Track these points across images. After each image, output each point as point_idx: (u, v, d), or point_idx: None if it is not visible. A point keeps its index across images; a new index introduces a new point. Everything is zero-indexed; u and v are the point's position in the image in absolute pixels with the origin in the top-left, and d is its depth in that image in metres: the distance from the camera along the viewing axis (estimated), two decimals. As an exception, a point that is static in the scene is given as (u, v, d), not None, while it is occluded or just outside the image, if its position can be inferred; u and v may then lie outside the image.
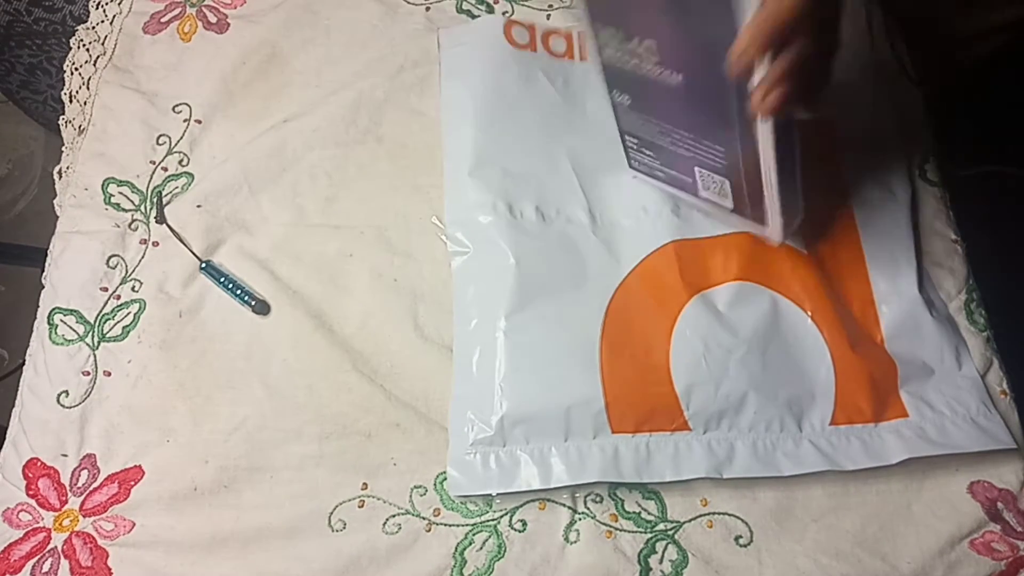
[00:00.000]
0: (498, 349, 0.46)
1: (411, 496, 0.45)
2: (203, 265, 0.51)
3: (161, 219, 0.53)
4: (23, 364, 0.50)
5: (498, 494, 0.44)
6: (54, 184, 0.58)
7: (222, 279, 0.50)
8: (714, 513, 0.44)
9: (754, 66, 0.35)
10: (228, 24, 0.60)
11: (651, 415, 0.45)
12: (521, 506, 0.44)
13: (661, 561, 0.43)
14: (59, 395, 0.48)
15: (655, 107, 0.44)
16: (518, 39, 0.55)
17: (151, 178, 0.55)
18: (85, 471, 0.46)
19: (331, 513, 0.45)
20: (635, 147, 0.48)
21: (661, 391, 0.45)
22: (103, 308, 0.51)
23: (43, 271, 0.53)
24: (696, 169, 0.45)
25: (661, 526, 0.44)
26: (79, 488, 0.46)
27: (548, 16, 0.59)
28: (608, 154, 0.52)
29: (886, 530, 0.44)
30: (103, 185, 0.55)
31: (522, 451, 0.44)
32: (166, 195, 0.54)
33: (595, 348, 0.46)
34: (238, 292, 0.50)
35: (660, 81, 0.42)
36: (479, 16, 0.59)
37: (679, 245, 0.49)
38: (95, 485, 0.46)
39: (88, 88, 0.59)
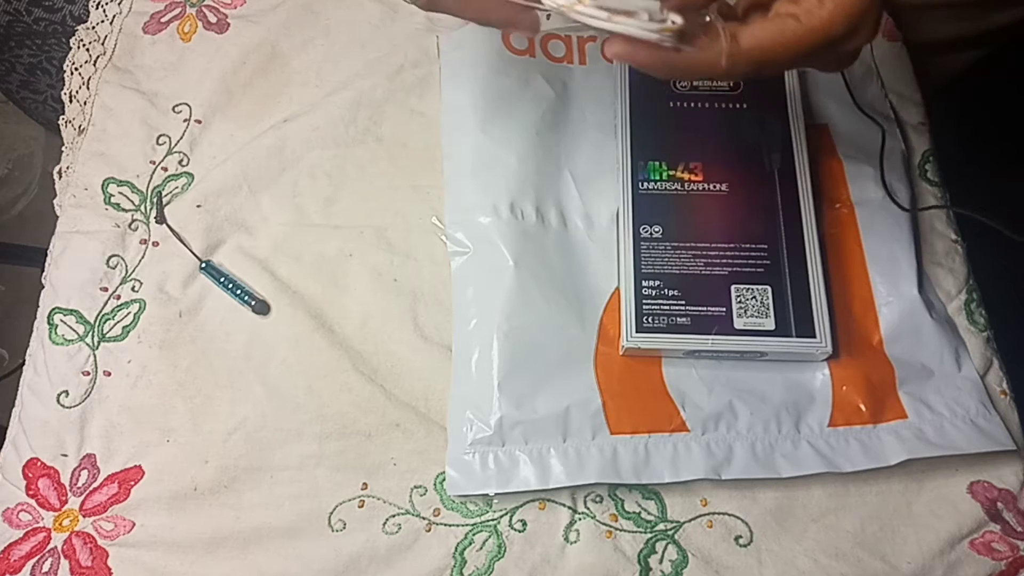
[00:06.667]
0: (497, 349, 0.46)
1: (411, 496, 0.45)
2: (203, 265, 0.51)
3: (161, 219, 0.53)
4: (23, 364, 0.50)
5: (498, 494, 0.44)
6: (54, 184, 0.58)
7: (222, 279, 0.50)
8: (714, 513, 0.44)
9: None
10: (228, 24, 0.60)
11: (649, 416, 0.45)
12: (521, 506, 0.44)
13: (661, 561, 0.43)
14: (59, 395, 0.48)
15: (690, 228, 0.47)
16: (517, 45, 0.55)
17: (151, 178, 0.55)
18: (85, 471, 0.46)
19: (331, 513, 0.45)
20: (653, 296, 0.45)
21: (657, 394, 0.45)
22: (103, 308, 0.51)
23: (43, 271, 0.53)
24: (732, 288, 0.45)
25: (661, 526, 0.44)
26: (79, 488, 0.46)
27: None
28: (605, 158, 0.52)
29: (886, 530, 0.44)
30: (103, 185, 0.55)
31: (521, 451, 0.44)
32: (166, 195, 0.54)
33: (592, 350, 0.46)
34: (238, 292, 0.50)
35: (702, 197, 0.48)
36: (479, 16, 0.59)
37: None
38: (95, 485, 0.46)
39: (88, 88, 0.59)
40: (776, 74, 0.35)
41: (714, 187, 0.48)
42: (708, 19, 0.32)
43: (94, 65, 0.60)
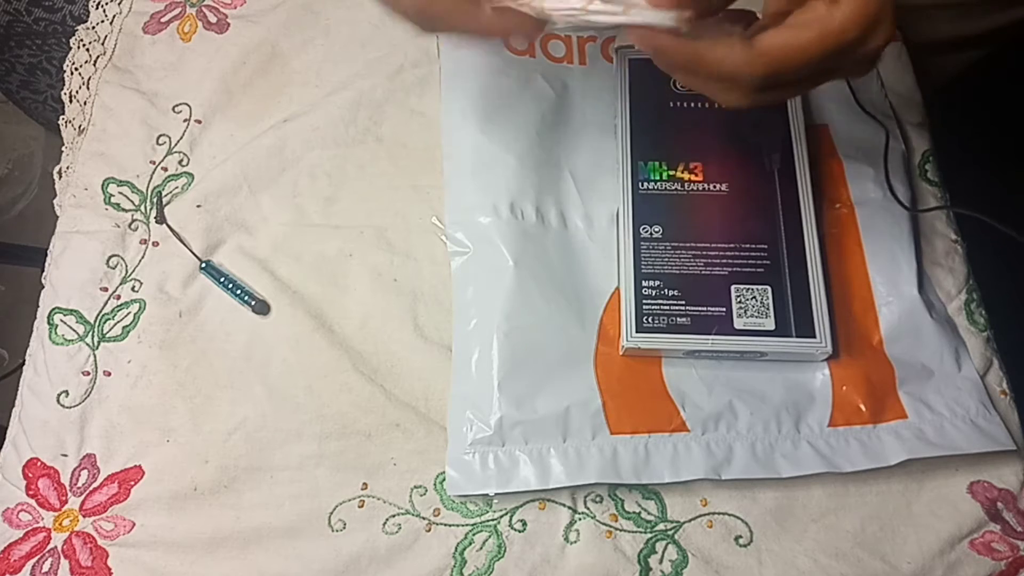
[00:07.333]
0: (497, 349, 0.46)
1: (411, 496, 0.45)
2: (203, 265, 0.51)
3: (161, 219, 0.53)
4: (23, 364, 0.50)
5: (498, 494, 0.44)
6: (54, 184, 0.58)
7: (222, 279, 0.50)
8: (714, 513, 0.44)
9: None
10: (228, 24, 0.60)
11: (649, 416, 0.45)
12: (521, 506, 0.44)
13: (661, 561, 0.43)
14: (59, 395, 0.48)
15: (690, 228, 0.47)
16: (517, 45, 0.55)
17: (151, 178, 0.55)
18: (85, 471, 0.46)
19: (331, 513, 0.45)
20: (653, 296, 0.45)
21: (657, 394, 0.45)
22: (103, 308, 0.51)
23: (43, 271, 0.53)
24: (732, 288, 0.45)
25: (661, 526, 0.44)
26: (79, 488, 0.46)
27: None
28: (605, 158, 0.52)
29: (886, 530, 0.44)
30: (103, 185, 0.55)
31: (521, 451, 0.44)
32: (166, 195, 0.54)
33: (592, 350, 0.46)
34: (238, 292, 0.50)
35: (702, 197, 0.48)
36: (479, 16, 0.59)
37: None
38: (95, 485, 0.46)
39: (88, 88, 0.59)
40: (792, 94, 0.34)
41: (714, 187, 0.48)
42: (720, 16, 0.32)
43: (94, 65, 0.60)
